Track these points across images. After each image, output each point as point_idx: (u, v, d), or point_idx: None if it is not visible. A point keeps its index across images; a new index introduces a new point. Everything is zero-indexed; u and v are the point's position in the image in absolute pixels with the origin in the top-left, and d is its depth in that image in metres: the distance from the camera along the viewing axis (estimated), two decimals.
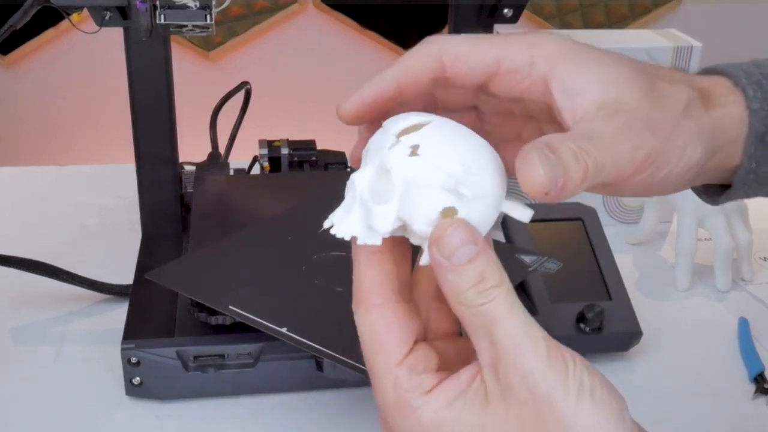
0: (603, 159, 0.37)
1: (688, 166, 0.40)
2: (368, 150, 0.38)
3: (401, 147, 0.36)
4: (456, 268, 0.36)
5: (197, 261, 0.71)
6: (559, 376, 0.35)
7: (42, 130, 2.19)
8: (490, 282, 0.36)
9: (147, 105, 0.82)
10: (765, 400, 0.72)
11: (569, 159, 0.36)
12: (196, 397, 0.69)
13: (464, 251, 0.36)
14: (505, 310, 0.36)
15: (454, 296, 0.36)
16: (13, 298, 0.82)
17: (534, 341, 0.35)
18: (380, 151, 0.37)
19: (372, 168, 0.37)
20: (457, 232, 0.36)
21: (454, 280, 0.36)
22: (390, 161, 0.36)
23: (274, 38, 2.20)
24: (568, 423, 0.35)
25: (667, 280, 0.89)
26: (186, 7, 0.71)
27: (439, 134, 0.36)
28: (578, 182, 0.36)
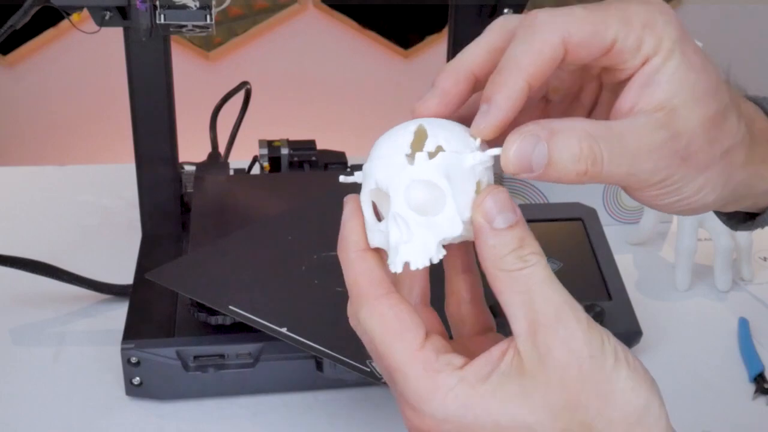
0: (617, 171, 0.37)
1: (699, 205, 0.41)
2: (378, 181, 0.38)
3: (420, 157, 0.37)
4: (497, 232, 0.36)
5: (197, 261, 0.71)
6: (597, 344, 0.36)
7: (42, 130, 2.19)
8: (529, 248, 0.36)
9: (147, 105, 0.82)
10: (765, 400, 0.72)
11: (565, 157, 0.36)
12: (196, 397, 0.69)
13: (505, 216, 0.36)
14: (545, 277, 0.36)
15: (494, 262, 0.36)
16: (13, 298, 0.82)
17: (573, 309, 0.36)
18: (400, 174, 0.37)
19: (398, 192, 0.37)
20: (498, 198, 0.37)
21: (494, 243, 0.36)
22: (421, 173, 0.37)
23: (274, 38, 2.20)
24: (608, 387, 0.35)
25: (667, 280, 0.89)
26: (186, 7, 0.71)
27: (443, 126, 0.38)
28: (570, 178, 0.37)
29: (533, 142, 0.36)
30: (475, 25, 0.86)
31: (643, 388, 0.36)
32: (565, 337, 0.35)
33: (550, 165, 0.36)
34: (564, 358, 0.35)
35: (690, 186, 0.39)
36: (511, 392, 0.35)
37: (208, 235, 0.77)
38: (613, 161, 0.37)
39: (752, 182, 0.42)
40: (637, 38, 0.38)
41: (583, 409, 0.35)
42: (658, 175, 0.38)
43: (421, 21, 2.19)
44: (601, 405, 0.35)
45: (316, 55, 2.22)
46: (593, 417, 0.35)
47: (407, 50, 2.22)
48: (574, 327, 0.35)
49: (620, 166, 0.37)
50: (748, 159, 0.41)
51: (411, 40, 2.21)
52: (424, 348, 0.37)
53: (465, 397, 0.36)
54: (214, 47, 2.17)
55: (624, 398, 0.35)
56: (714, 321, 0.83)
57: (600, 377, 0.35)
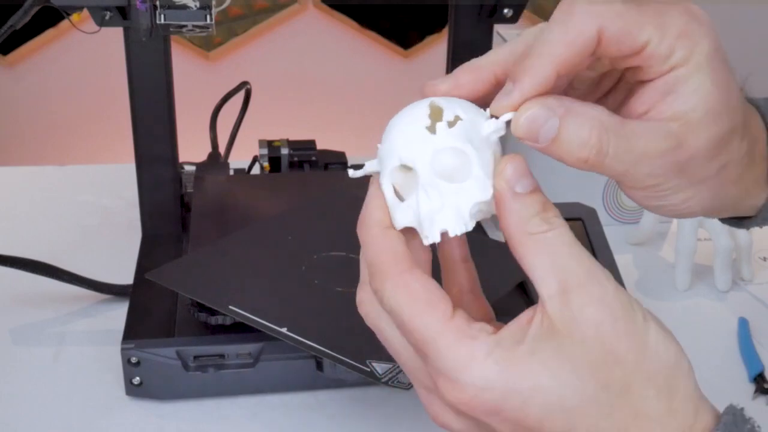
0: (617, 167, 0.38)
1: (684, 211, 0.41)
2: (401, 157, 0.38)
3: (440, 127, 0.37)
4: (520, 196, 0.37)
5: (197, 261, 0.71)
6: (626, 302, 0.36)
7: (42, 130, 2.19)
8: (552, 211, 0.37)
9: (147, 105, 0.82)
10: (765, 400, 0.72)
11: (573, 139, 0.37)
12: (196, 397, 0.69)
13: (525, 182, 0.37)
14: (572, 239, 0.37)
15: (519, 226, 0.37)
16: (13, 298, 0.82)
17: (602, 269, 0.36)
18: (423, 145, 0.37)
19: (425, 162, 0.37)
20: (517, 164, 0.37)
21: (519, 208, 0.37)
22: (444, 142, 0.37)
23: (274, 38, 2.20)
24: (642, 340, 0.36)
25: (667, 280, 0.89)
26: (186, 7, 0.71)
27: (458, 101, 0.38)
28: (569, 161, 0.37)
29: (548, 114, 0.37)
30: (475, 25, 0.86)
31: (672, 343, 0.37)
32: (598, 294, 0.35)
33: (556, 141, 0.37)
34: (598, 314, 0.35)
35: (679, 195, 0.40)
36: (548, 352, 0.35)
37: (208, 235, 0.77)
38: (617, 157, 0.37)
39: (740, 198, 0.43)
40: (670, 46, 0.37)
41: (621, 362, 0.35)
42: (653, 180, 0.39)
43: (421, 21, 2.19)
44: (638, 357, 0.35)
45: (316, 55, 2.22)
46: (631, 371, 0.35)
47: (407, 50, 2.22)
48: (605, 284, 0.36)
49: (622, 163, 0.38)
50: (741, 177, 0.42)
51: (411, 40, 2.21)
52: (455, 317, 0.37)
53: (504, 361, 0.35)
54: (214, 47, 2.17)
55: (657, 352, 0.36)
56: (714, 321, 0.83)
57: (633, 331, 0.36)
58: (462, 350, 0.36)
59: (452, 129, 0.37)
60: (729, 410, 0.37)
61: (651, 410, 0.35)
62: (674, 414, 0.36)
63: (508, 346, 0.36)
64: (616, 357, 0.35)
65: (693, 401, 0.37)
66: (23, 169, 1.13)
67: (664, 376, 0.36)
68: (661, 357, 0.36)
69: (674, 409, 0.36)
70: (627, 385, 0.35)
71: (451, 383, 0.36)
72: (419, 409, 0.71)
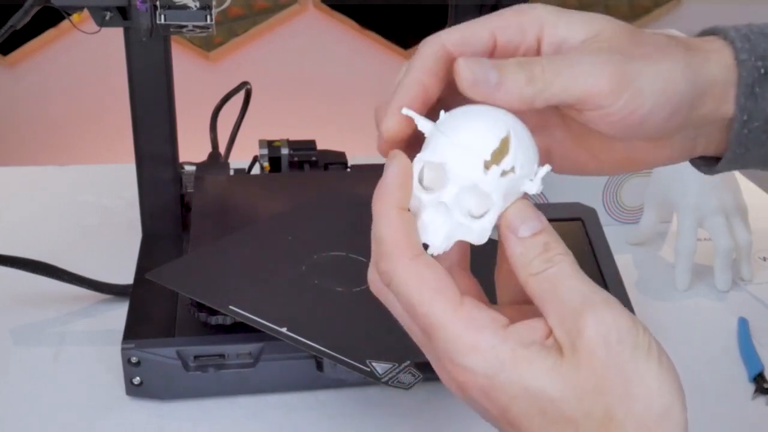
0: (558, 69, 0.38)
1: (676, 99, 0.40)
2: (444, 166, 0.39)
3: (497, 170, 0.38)
4: (522, 240, 0.38)
5: (197, 261, 0.71)
6: (627, 331, 0.36)
7: (42, 130, 2.19)
8: (554, 251, 0.38)
9: (147, 105, 0.82)
10: (765, 400, 0.72)
11: (510, 69, 0.38)
12: (196, 397, 0.69)
13: (528, 225, 0.38)
14: (571, 271, 0.38)
15: (522, 267, 0.38)
16: (13, 298, 0.82)
17: (602, 297, 0.37)
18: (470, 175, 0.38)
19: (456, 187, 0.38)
20: (520, 209, 0.39)
21: (521, 251, 0.38)
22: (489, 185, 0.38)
23: (274, 38, 2.20)
24: (634, 376, 0.36)
25: (667, 280, 0.89)
26: (186, 7, 0.71)
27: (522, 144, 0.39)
28: (522, 82, 0.38)
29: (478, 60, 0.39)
30: None
31: (669, 389, 0.36)
32: (592, 322, 0.36)
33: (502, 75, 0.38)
34: (592, 341, 0.36)
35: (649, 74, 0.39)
36: (546, 366, 0.36)
37: (208, 235, 0.77)
38: (554, 63, 0.38)
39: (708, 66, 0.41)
40: (516, 23, 0.41)
41: (609, 394, 0.36)
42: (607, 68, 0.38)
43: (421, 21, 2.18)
44: (624, 392, 0.36)
45: (316, 55, 2.22)
46: (616, 404, 0.36)
47: (407, 50, 2.22)
48: (602, 312, 0.36)
49: (563, 67, 0.38)
50: (692, 51, 0.41)
51: (411, 40, 2.21)
52: (464, 304, 0.38)
53: (504, 358, 0.37)
54: (214, 47, 2.17)
55: (647, 393, 0.36)
56: (714, 321, 0.83)
57: (627, 365, 0.36)
58: (468, 337, 0.37)
59: (501, 179, 0.38)
60: None
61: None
62: None
63: (512, 346, 0.37)
64: (603, 388, 0.36)
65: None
66: (23, 169, 1.13)
67: (648, 418, 0.36)
68: (651, 399, 0.36)
69: None
70: (609, 416, 0.36)
71: (453, 365, 0.38)
72: (419, 409, 0.71)
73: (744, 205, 0.90)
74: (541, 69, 0.38)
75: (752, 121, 0.43)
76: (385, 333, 0.61)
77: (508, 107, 0.39)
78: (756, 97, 0.42)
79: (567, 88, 0.38)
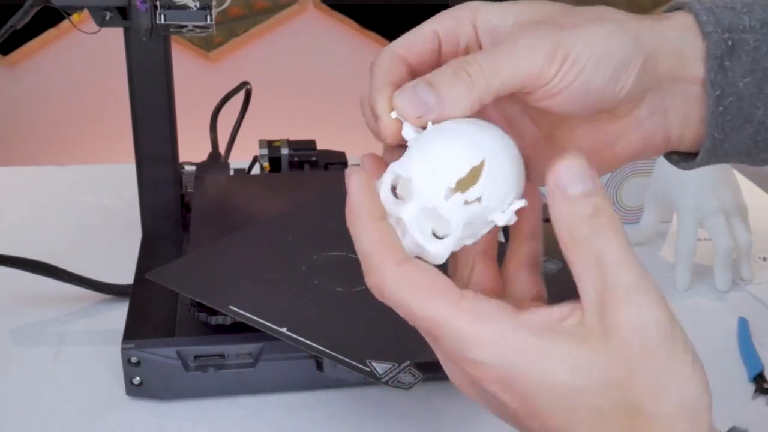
0: (494, 62, 0.38)
1: (617, 59, 0.39)
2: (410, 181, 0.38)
3: (460, 198, 0.37)
4: (571, 199, 0.35)
5: (197, 261, 0.71)
6: (666, 330, 0.35)
7: (42, 130, 2.19)
8: (606, 217, 0.35)
9: (147, 105, 0.82)
10: (765, 400, 0.72)
11: (442, 78, 0.38)
12: (196, 397, 0.69)
13: (581, 185, 0.35)
14: (622, 250, 0.35)
15: (567, 230, 0.36)
16: (13, 298, 0.82)
17: (647, 290, 0.35)
18: (431, 197, 0.37)
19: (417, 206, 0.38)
20: (572, 165, 0.36)
21: (568, 211, 0.35)
22: (449, 212, 0.37)
23: (274, 38, 2.20)
24: (669, 378, 0.35)
25: (667, 280, 0.89)
26: (186, 7, 0.71)
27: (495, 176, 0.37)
28: (463, 91, 0.38)
29: (411, 86, 0.38)
30: None
31: (699, 389, 0.36)
32: (634, 319, 0.35)
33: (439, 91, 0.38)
34: (630, 338, 0.34)
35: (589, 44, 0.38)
36: (566, 354, 0.35)
37: (208, 235, 0.77)
38: (488, 59, 0.38)
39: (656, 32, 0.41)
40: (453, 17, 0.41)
41: (637, 391, 0.35)
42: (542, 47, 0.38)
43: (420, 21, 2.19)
44: (656, 388, 0.35)
45: (316, 55, 2.22)
46: (646, 399, 0.35)
47: None
48: (645, 309, 0.35)
49: (496, 58, 0.38)
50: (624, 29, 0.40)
51: None
52: (464, 297, 0.36)
53: (517, 346, 0.35)
54: (214, 47, 2.17)
55: (679, 392, 0.35)
56: (714, 321, 0.83)
57: (663, 362, 0.35)
58: (475, 330, 0.35)
59: (463, 207, 0.37)
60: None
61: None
62: None
63: (523, 336, 0.35)
64: (632, 385, 0.35)
65: None
66: (23, 169, 1.13)
67: (676, 416, 0.35)
68: (683, 396, 0.35)
69: None
70: (636, 410, 0.35)
71: (464, 360, 0.36)
72: (419, 409, 0.71)
73: (744, 205, 0.90)
74: (479, 68, 0.38)
75: (725, 97, 0.41)
76: (385, 333, 0.62)
77: (461, 116, 0.38)
78: (726, 71, 0.41)
79: (508, 77, 0.38)
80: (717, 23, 0.41)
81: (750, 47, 0.41)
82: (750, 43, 0.41)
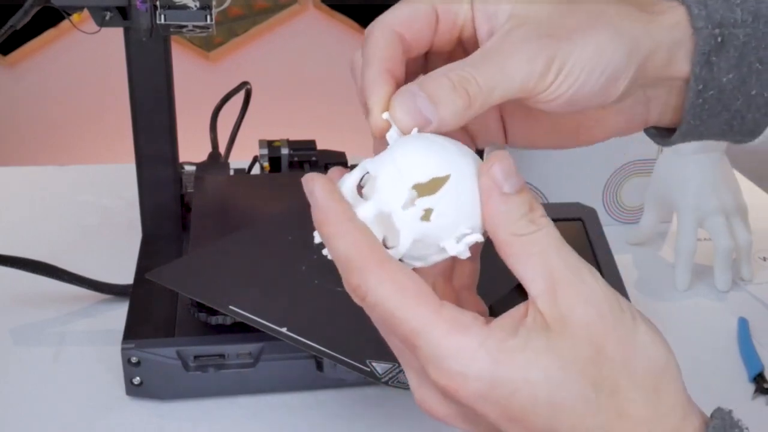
0: (491, 78, 0.38)
1: (610, 68, 0.39)
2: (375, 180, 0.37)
3: (415, 210, 0.36)
4: (507, 197, 0.36)
5: (197, 261, 0.71)
6: (615, 301, 0.36)
7: (42, 130, 2.19)
8: (539, 211, 0.37)
9: (147, 105, 0.82)
10: (765, 400, 0.72)
11: (443, 92, 0.37)
12: (196, 397, 0.69)
13: (512, 182, 0.36)
14: (558, 238, 0.37)
15: (506, 227, 0.36)
16: (13, 298, 0.82)
17: (588, 267, 0.36)
18: (390, 201, 0.36)
19: (375, 208, 0.37)
20: (504, 164, 0.37)
21: (506, 209, 0.36)
22: (401, 222, 0.36)
23: (274, 38, 2.20)
24: (631, 339, 0.36)
25: (667, 280, 0.89)
26: (186, 7, 0.71)
27: (455, 195, 0.37)
28: (461, 109, 0.37)
29: (411, 94, 0.38)
30: None
31: (662, 345, 0.37)
32: (585, 293, 0.35)
33: (438, 106, 0.37)
34: (587, 313, 0.35)
35: (583, 54, 0.38)
36: (539, 347, 0.35)
37: (208, 235, 0.77)
38: (484, 73, 0.38)
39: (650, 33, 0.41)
40: None
41: (609, 362, 0.35)
42: (539, 61, 0.38)
43: None
44: (626, 357, 0.35)
45: (316, 55, 2.22)
46: (619, 371, 0.35)
47: None
48: (592, 283, 0.36)
49: (493, 74, 0.38)
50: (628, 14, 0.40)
51: None
52: (445, 306, 0.36)
53: (496, 352, 0.35)
54: (214, 47, 2.17)
55: (646, 353, 0.36)
56: (713, 321, 0.83)
57: (622, 331, 0.36)
58: (453, 340, 0.35)
59: (418, 222, 0.36)
60: (717, 414, 0.38)
61: (637, 412, 0.35)
62: (660, 417, 0.36)
63: (500, 338, 0.35)
64: (604, 357, 0.35)
65: (681, 405, 0.37)
66: (23, 169, 1.14)
67: (651, 378, 0.36)
68: (650, 358, 0.36)
69: (661, 413, 0.36)
70: (614, 384, 0.35)
71: (441, 371, 0.36)
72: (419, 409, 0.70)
73: (744, 205, 0.90)
74: (478, 88, 0.37)
75: (707, 90, 0.42)
76: None
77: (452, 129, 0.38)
78: (712, 66, 0.41)
79: (504, 93, 0.38)
80: (708, 18, 0.41)
81: (739, 42, 0.41)
82: (739, 38, 0.41)
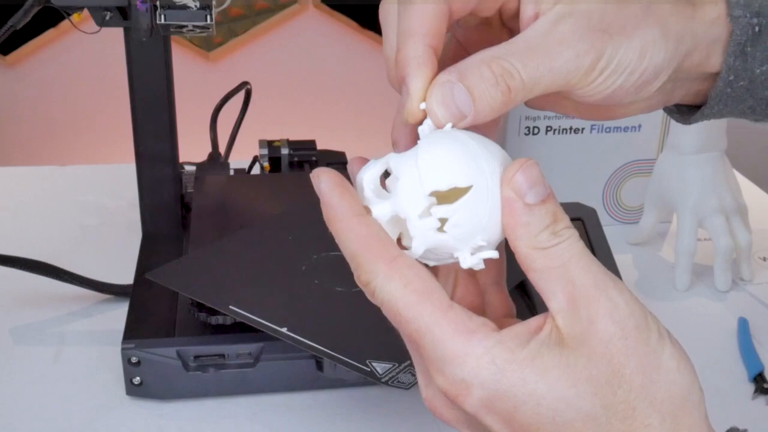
0: (536, 73, 0.36)
1: (651, 70, 0.39)
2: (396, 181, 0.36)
3: (430, 221, 0.35)
4: (530, 208, 0.35)
5: (197, 261, 0.71)
6: (641, 316, 0.34)
7: (42, 130, 2.19)
8: (563, 223, 0.35)
9: (147, 105, 0.82)
10: (764, 399, 0.72)
11: (483, 87, 0.36)
12: (196, 397, 0.69)
13: (536, 191, 0.35)
14: (581, 249, 0.35)
15: (528, 240, 0.35)
16: (13, 298, 0.82)
17: (613, 280, 0.35)
18: (407, 208, 0.36)
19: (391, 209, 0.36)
20: (529, 172, 0.35)
21: (528, 221, 0.35)
22: (416, 230, 0.36)
23: (274, 38, 2.20)
24: (654, 363, 0.34)
25: (667, 280, 0.89)
26: (186, 7, 0.71)
27: (474, 206, 0.35)
28: (500, 105, 0.36)
29: (449, 87, 0.36)
30: None
31: (687, 369, 0.35)
32: (608, 308, 0.34)
33: (475, 101, 0.36)
34: (608, 329, 0.34)
35: (628, 53, 0.38)
36: (551, 362, 0.33)
37: (208, 235, 0.77)
38: (528, 66, 0.36)
39: (696, 26, 0.40)
40: None
41: (626, 384, 0.33)
42: (587, 58, 0.37)
43: None
44: (646, 380, 0.34)
45: (316, 55, 2.22)
46: (636, 394, 0.33)
47: None
48: (616, 297, 0.34)
49: (537, 68, 0.36)
50: (676, 8, 0.40)
51: None
52: (453, 308, 0.34)
53: (502, 362, 0.33)
54: (214, 47, 2.17)
55: (669, 377, 0.34)
56: (713, 321, 0.83)
57: (645, 351, 0.34)
58: (458, 344, 0.34)
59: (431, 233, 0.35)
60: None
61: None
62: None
63: (509, 347, 0.34)
64: (621, 379, 0.33)
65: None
66: (23, 169, 1.14)
67: (671, 404, 0.34)
68: (673, 382, 0.34)
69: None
70: (629, 408, 0.33)
71: (444, 376, 0.34)
72: (419, 409, 0.71)
73: (744, 205, 0.90)
74: (521, 82, 0.36)
75: (738, 81, 0.41)
76: (385, 333, 0.61)
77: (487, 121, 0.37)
78: (746, 56, 0.41)
79: (546, 87, 0.37)
80: (747, 5, 0.40)
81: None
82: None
